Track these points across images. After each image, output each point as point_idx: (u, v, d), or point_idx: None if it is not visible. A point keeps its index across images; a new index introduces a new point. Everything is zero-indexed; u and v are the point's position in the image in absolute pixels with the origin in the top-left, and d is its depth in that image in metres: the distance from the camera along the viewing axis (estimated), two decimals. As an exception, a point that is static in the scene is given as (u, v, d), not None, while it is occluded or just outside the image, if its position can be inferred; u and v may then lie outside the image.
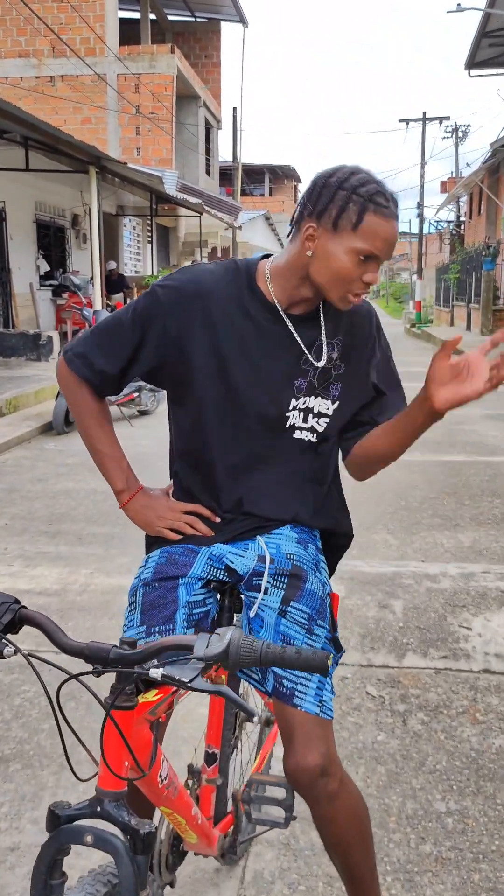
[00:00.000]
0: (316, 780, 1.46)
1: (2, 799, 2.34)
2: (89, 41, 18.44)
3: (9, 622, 1.19)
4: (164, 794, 1.42)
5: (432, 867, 2.08)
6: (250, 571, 1.60)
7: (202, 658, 1.07)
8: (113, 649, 1.14)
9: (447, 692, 2.94)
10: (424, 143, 31.62)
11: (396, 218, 1.43)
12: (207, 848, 1.70)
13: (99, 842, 1.14)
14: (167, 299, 1.51)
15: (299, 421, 1.58)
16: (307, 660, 1.07)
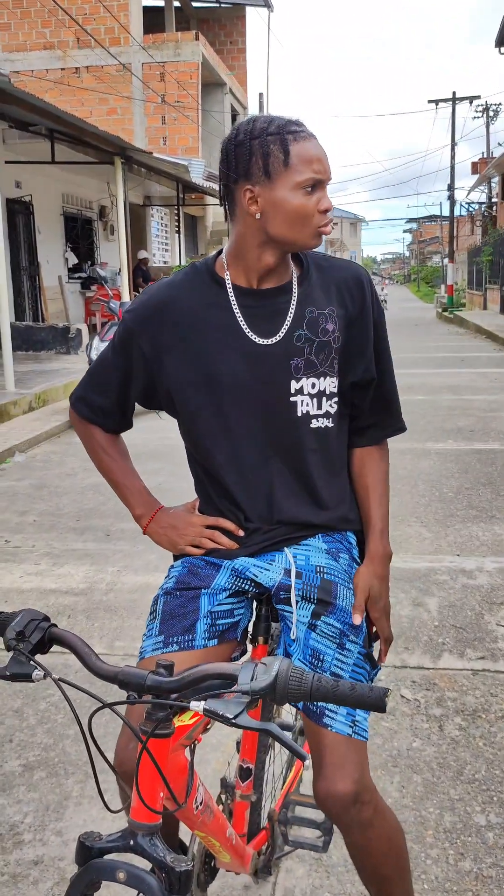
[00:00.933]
0: (348, 808, 1.37)
1: (26, 809, 2.28)
2: (114, 31, 18.35)
3: (38, 642, 1.12)
4: (200, 819, 1.34)
5: (472, 886, 1.98)
6: (277, 585, 1.51)
7: (248, 692, 0.98)
8: (149, 676, 1.05)
9: (485, 695, 2.82)
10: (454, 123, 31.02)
11: (316, 137, 1.40)
12: (241, 867, 1.63)
13: (132, 879, 1.06)
14: (134, 322, 1.52)
15: (314, 408, 1.49)
16: (361, 697, 0.97)
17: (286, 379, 1.46)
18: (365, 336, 1.53)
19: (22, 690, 2.90)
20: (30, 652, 1.10)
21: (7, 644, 1.10)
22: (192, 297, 1.49)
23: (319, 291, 1.50)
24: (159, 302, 1.50)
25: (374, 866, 1.48)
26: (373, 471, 1.60)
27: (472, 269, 32.28)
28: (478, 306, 28.70)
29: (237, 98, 23.44)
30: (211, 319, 1.47)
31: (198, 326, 1.48)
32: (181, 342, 1.48)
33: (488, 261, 25.68)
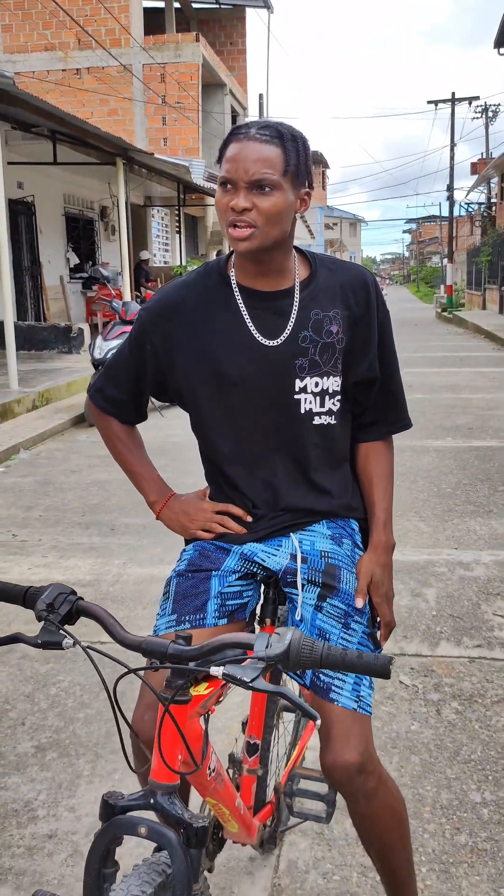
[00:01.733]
0: (353, 778, 1.45)
1: (39, 787, 2.37)
2: (114, 32, 18.43)
3: (66, 613, 1.20)
4: (212, 786, 1.43)
5: (468, 858, 2.07)
6: (283, 569, 1.59)
7: (263, 658, 1.06)
8: (171, 645, 1.14)
9: (482, 681, 2.91)
10: (453, 124, 31.12)
11: (259, 139, 1.40)
12: (247, 837, 1.71)
13: (153, 834, 1.14)
14: (148, 320, 1.61)
15: (316, 406, 1.56)
16: (368, 664, 1.06)
17: (290, 378, 1.54)
18: (368, 337, 1.59)
19: (33, 677, 3.00)
20: (59, 622, 1.18)
21: (38, 615, 1.19)
22: (202, 298, 1.57)
23: (325, 294, 1.55)
24: (172, 301, 1.58)
25: (377, 834, 1.56)
26: (377, 465, 1.67)
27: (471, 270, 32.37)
28: (477, 306, 28.78)
29: (237, 99, 23.53)
30: (219, 319, 1.54)
31: (207, 325, 1.55)
32: (191, 340, 1.56)
33: (487, 261, 25.78)
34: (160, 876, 1.13)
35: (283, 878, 2.02)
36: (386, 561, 1.63)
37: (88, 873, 1.16)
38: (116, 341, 7.90)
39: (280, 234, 1.46)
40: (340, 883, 2.00)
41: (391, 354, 1.65)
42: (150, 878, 1.12)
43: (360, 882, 1.99)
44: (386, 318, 1.64)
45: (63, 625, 1.18)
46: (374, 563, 1.61)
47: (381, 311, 1.62)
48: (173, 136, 19.38)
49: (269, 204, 1.40)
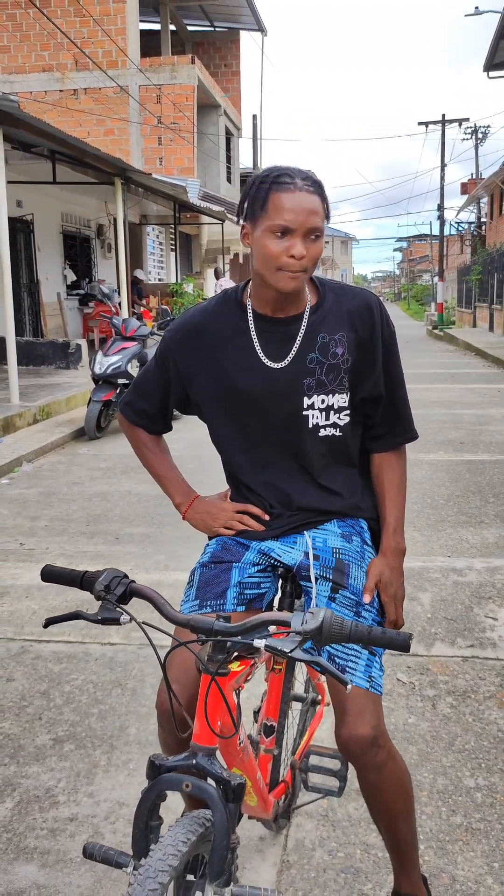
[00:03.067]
0: (366, 750, 1.60)
1: (59, 776, 2.51)
2: (111, 54, 18.75)
3: (122, 594, 1.36)
4: (240, 756, 1.58)
5: (463, 837, 2.22)
6: (298, 564, 1.76)
7: (299, 632, 1.23)
8: (215, 622, 1.30)
9: (474, 678, 3.07)
10: (444, 145, 31.62)
11: (308, 190, 1.54)
12: (263, 812, 1.86)
13: (196, 790, 1.30)
14: (172, 340, 1.78)
15: (322, 420, 1.73)
16: (391, 638, 1.23)
17: (299, 396, 1.71)
18: (373, 357, 1.73)
19: (47, 676, 3.14)
20: (115, 601, 1.34)
21: (97, 595, 1.35)
22: (220, 323, 1.74)
23: (332, 318, 1.70)
24: (193, 326, 1.76)
25: (386, 804, 1.71)
26: (388, 473, 1.82)
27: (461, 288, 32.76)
28: (467, 324, 29.13)
29: (231, 120, 23.89)
30: (234, 342, 1.72)
31: (223, 348, 1.73)
32: (209, 362, 1.73)
33: (477, 279, 26.14)
34: (201, 827, 1.29)
35: (291, 855, 2.16)
36: (395, 564, 1.78)
37: (137, 825, 1.31)
38: (117, 357, 8.07)
39: (313, 271, 1.64)
40: (345, 859, 2.14)
41: (397, 371, 1.79)
42: (193, 829, 1.27)
43: (363, 858, 2.14)
44: (391, 338, 1.77)
45: (118, 604, 1.34)
46: (384, 566, 1.76)
47: (386, 332, 1.75)
48: (169, 155, 19.67)
49: (318, 249, 1.57)
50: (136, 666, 3.20)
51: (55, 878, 2.09)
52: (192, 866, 1.36)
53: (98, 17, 18.38)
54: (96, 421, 7.95)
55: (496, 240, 26.16)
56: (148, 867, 1.18)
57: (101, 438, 8.09)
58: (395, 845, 1.79)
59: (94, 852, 1.32)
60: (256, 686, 2.41)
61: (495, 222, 27.52)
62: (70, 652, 3.35)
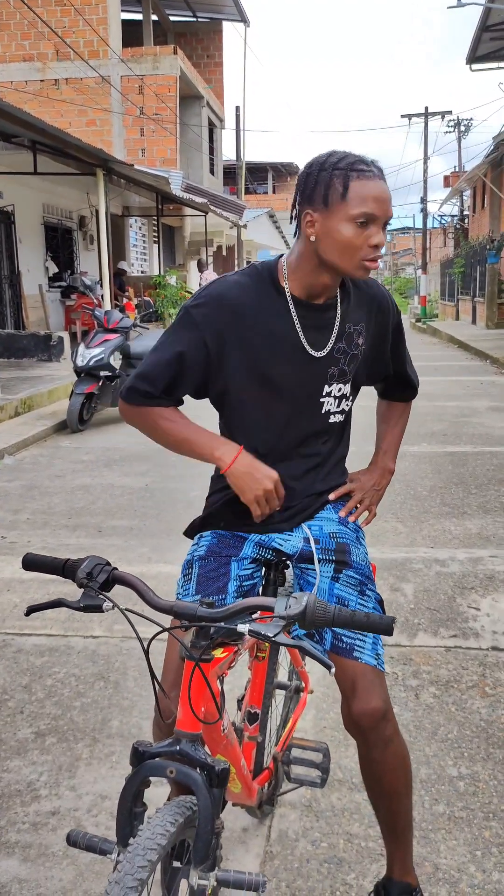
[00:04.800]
0: (378, 723, 1.64)
1: (41, 769, 2.49)
2: (93, 44, 18.59)
3: (104, 581, 1.35)
4: (224, 743, 1.58)
5: (445, 825, 2.23)
6: (299, 551, 1.77)
7: (283, 617, 1.23)
8: (199, 608, 1.29)
9: (457, 668, 3.08)
10: (427, 137, 31.67)
11: (382, 178, 1.53)
12: (248, 798, 1.86)
13: (180, 775, 1.29)
14: (201, 318, 1.61)
15: (334, 407, 1.75)
16: (374, 622, 1.23)
17: (321, 384, 1.71)
18: (384, 345, 1.82)
19: (29, 669, 3.11)
20: (98, 589, 1.32)
21: (79, 582, 1.34)
22: (257, 303, 1.62)
23: (356, 308, 1.72)
24: (228, 301, 1.61)
25: (389, 782, 1.73)
26: (395, 412, 2.00)
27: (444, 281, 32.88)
28: (450, 317, 29.24)
29: (214, 111, 23.78)
30: (272, 325, 1.64)
31: (259, 330, 1.62)
32: (242, 342, 1.62)
33: (460, 272, 26.23)
34: (187, 811, 1.28)
35: (274, 845, 2.16)
36: (375, 477, 1.92)
37: (121, 812, 1.30)
38: (99, 349, 8.02)
39: None
40: (328, 849, 2.14)
41: (404, 349, 1.92)
42: (180, 811, 1.26)
43: (347, 848, 2.14)
44: (399, 320, 1.87)
45: (101, 591, 1.32)
46: (366, 477, 1.90)
47: (396, 316, 1.84)
48: (151, 147, 19.55)
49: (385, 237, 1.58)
50: (119, 658, 3.18)
51: (37, 872, 2.07)
52: (177, 853, 1.35)
53: (79, 6, 18.19)
54: (79, 413, 7.89)
55: (479, 232, 26.26)
56: (136, 845, 1.18)
57: (84, 431, 8.04)
58: (393, 826, 1.80)
59: (78, 840, 1.32)
60: (239, 677, 2.40)
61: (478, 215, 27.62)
62: (52, 645, 3.32)
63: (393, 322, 1.83)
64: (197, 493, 1.97)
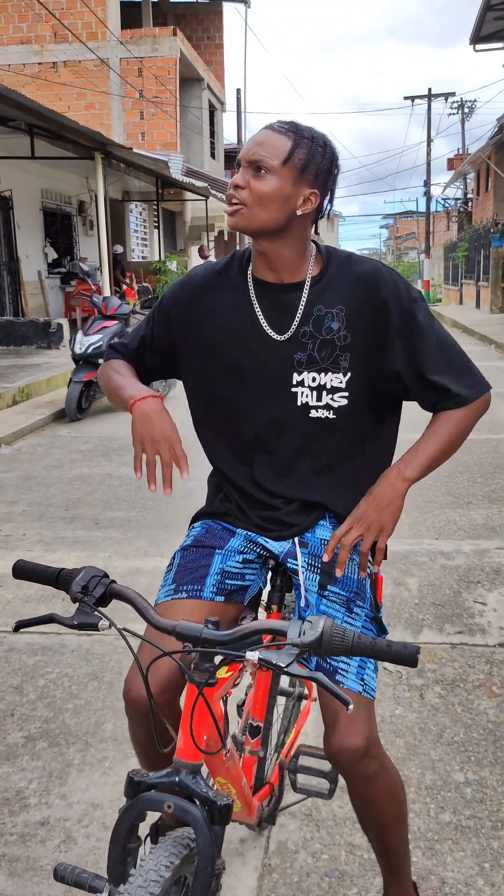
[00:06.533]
0: (358, 762, 1.48)
1: (30, 776, 2.40)
2: (91, 26, 18.31)
3: (100, 595, 1.22)
4: (226, 765, 1.47)
5: (452, 835, 2.13)
6: (285, 552, 1.64)
7: (297, 644, 1.10)
8: (204, 629, 1.17)
9: (463, 666, 2.98)
10: (430, 119, 31.30)
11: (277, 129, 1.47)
12: (248, 816, 1.75)
13: (179, 811, 1.18)
14: (170, 296, 1.67)
15: (312, 399, 1.57)
16: (397, 653, 1.10)
17: (289, 371, 1.57)
18: (378, 333, 1.53)
19: (21, 669, 3.01)
20: (94, 604, 1.20)
21: (73, 597, 1.21)
22: (221, 284, 1.61)
23: (333, 290, 1.55)
24: (193, 280, 1.65)
25: (375, 816, 1.59)
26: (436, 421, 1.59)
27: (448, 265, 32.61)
28: (454, 301, 29.01)
29: (215, 94, 23.49)
30: (232, 306, 1.59)
31: (220, 311, 1.60)
32: (202, 324, 1.61)
33: (464, 256, 25.98)
34: (185, 849, 1.17)
35: (273, 858, 2.06)
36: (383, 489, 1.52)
37: (114, 847, 1.19)
38: (97, 336, 7.89)
39: (270, 220, 1.47)
40: (329, 861, 2.05)
41: (427, 345, 1.54)
42: (176, 851, 1.16)
43: (349, 860, 2.05)
44: (413, 307, 1.54)
45: (97, 607, 1.21)
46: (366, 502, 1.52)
47: (405, 304, 1.54)
48: (151, 130, 19.32)
49: (260, 186, 1.45)
50: (114, 658, 3.08)
51: (24, 887, 1.98)
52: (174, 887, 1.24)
53: (77, -14, 17.91)
54: (77, 402, 7.77)
55: (483, 216, 25.98)
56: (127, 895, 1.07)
57: (82, 420, 7.92)
58: (385, 855, 1.69)
59: (66, 875, 1.21)
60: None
61: (482, 198, 27.31)
62: (45, 643, 3.22)
63: (397, 308, 1.53)
64: (195, 484, 1.84)
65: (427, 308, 1.58)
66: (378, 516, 1.51)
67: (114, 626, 1.17)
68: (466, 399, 1.57)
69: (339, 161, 1.54)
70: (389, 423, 1.69)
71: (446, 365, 1.56)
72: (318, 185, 1.49)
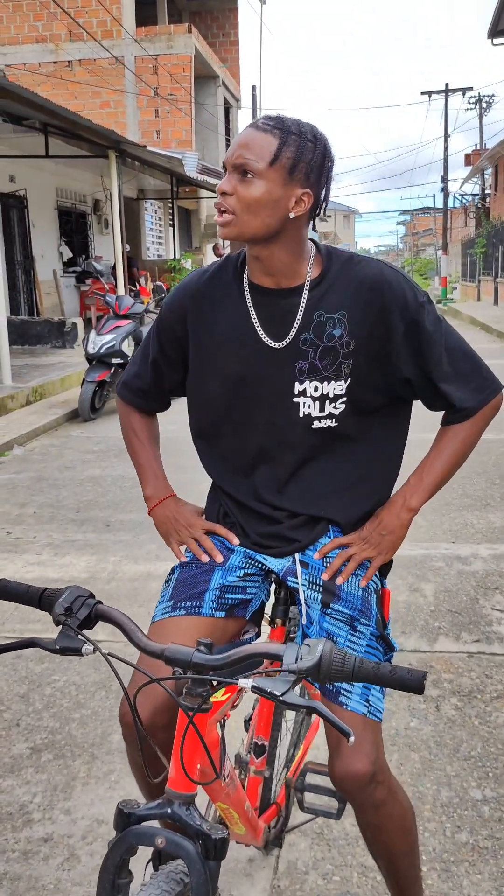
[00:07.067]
0: (364, 788, 1.40)
1: (34, 790, 2.34)
2: (106, 24, 18.28)
3: (85, 617, 1.15)
4: (225, 791, 1.40)
5: (469, 857, 2.05)
6: (285, 570, 1.57)
7: (293, 671, 1.02)
8: (195, 653, 1.10)
9: (480, 676, 2.89)
10: (447, 115, 31.05)
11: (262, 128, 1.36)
12: (253, 839, 1.69)
13: (171, 845, 1.11)
14: (167, 308, 1.60)
15: (315, 410, 1.49)
16: (402, 679, 1.03)
17: (290, 381, 1.48)
18: (383, 338, 1.46)
19: (28, 677, 2.96)
20: (77, 627, 1.13)
21: (56, 619, 1.14)
22: (217, 290, 1.53)
23: (334, 294, 1.45)
24: (187, 289, 1.57)
25: (384, 843, 1.51)
26: (442, 436, 1.57)
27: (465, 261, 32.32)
28: (471, 298, 28.74)
29: (230, 91, 23.40)
30: (228, 313, 1.50)
31: (217, 319, 1.52)
32: (198, 331, 1.54)
33: (482, 252, 25.73)
34: (178, 885, 1.11)
35: (282, 879, 1.99)
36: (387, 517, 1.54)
37: (102, 884, 1.12)
38: (110, 335, 7.85)
39: (262, 227, 1.38)
40: (341, 883, 1.97)
41: (435, 352, 1.47)
42: (169, 889, 1.09)
43: (361, 882, 1.97)
44: (419, 312, 1.46)
45: (81, 629, 1.14)
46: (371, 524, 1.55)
47: (412, 307, 1.45)
48: (166, 128, 19.26)
49: (247, 192, 1.35)
50: (123, 665, 3.02)
51: (25, 908, 1.92)
52: None
53: (91, -15, 17.89)
54: (90, 402, 7.74)
55: (501, 212, 25.71)
56: None
57: (95, 420, 7.89)
58: (395, 883, 1.61)
59: None
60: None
61: (500, 194, 27.02)
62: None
63: (402, 313, 1.44)
64: (207, 486, 1.77)
65: (434, 310, 1.49)
66: (379, 541, 1.55)
67: (98, 651, 1.10)
68: (474, 409, 1.54)
69: (332, 152, 1.43)
70: (397, 426, 1.61)
71: (454, 370, 1.51)
72: (310, 184, 1.38)
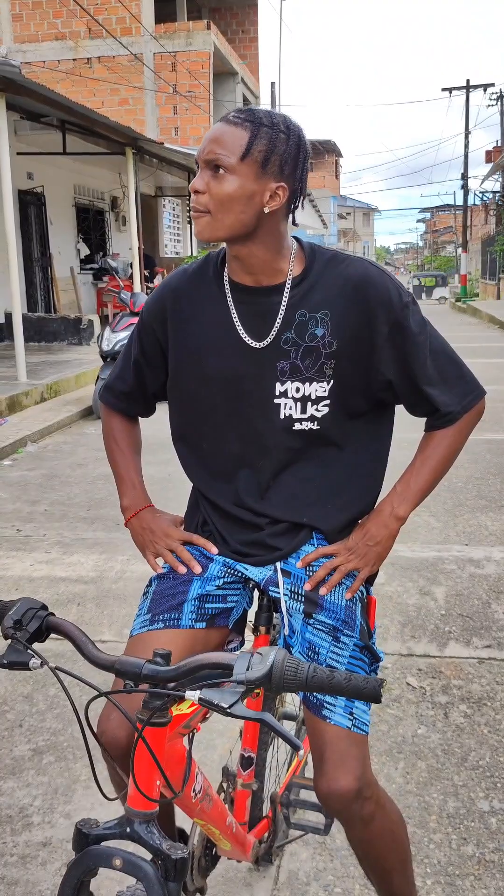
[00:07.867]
0: (350, 805, 1.36)
1: (35, 792, 2.32)
2: (125, 21, 18.29)
3: (35, 630, 1.13)
4: (199, 807, 1.36)
5: (475, 870, 2.00)
6: (266, 579, 1.53)
7: (243, 682, 0.98)
8: (146, 665, 1.06)
9: (491, 683, 2.83)
10: (468, 111, 30.79)
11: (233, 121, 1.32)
12: (242, 855, 1.64)
13: (128, 866, 1.08)
14: (148, 308, 1.57)
15: (297, 412, 1.44)
16: (357, 687, 0.98)
17: (271, 381, 1.44)
18: (366, 339, 1.42)
19: (32, 676, 2.94)
20: (27, 640, 1.10)
21: (4, 633, 1.11)
22: (196, 288, 1.49)
23: (317, 293, 1.42)
24: (167, 289, 1.53)
25: (375, 858, 1.48)
26: (427, 442, 1.53)
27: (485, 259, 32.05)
28: (491, 296, 28.51)
29: (249, 87, 23.32)
30: (209, 313, 1.47)
31: (197, 318, 1.48)
32: (178, 331, 1.51)
33: (502, 250, 25.50)
34: None
35: (282, 890, 1.95)
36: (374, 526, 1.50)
37: None
38: (125, 333, 7.84)
39: (237, 223, 1.34)
40: (342, 895, 1.93)
41: (419, 355, 1.43)
42: None
43: (363, 894, 1.92)
44: (404, 313, 1.42)
45: (32, 643, 1.11)
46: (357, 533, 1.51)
47: (396, 309, 1.42)
48: (184, 125, 19.24)
49: (220, 188, 1.31)
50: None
51: (21, 914, 1.89)
52: None
53: (111, -18, 17.89)
54: (104, 399, 7.72)
55: (522, 209, 25.45)
56: None
57: (110, 417, 7.88)
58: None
59: None
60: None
61: (521, 191, 26.76)
62: (58, 650, 3.13)
63: (387, 315, 1.40)
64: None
65: (419, 311, 1.46)
66: (366, 552, 1.50)
67: (46, 665, 1.07)
68: (458, 414, 1.50)
69: (307, 144, 1.39)
70: (380, 431, 1.55)
71: (438, 374, 1.47)
72: (284, 177, 1.34)
